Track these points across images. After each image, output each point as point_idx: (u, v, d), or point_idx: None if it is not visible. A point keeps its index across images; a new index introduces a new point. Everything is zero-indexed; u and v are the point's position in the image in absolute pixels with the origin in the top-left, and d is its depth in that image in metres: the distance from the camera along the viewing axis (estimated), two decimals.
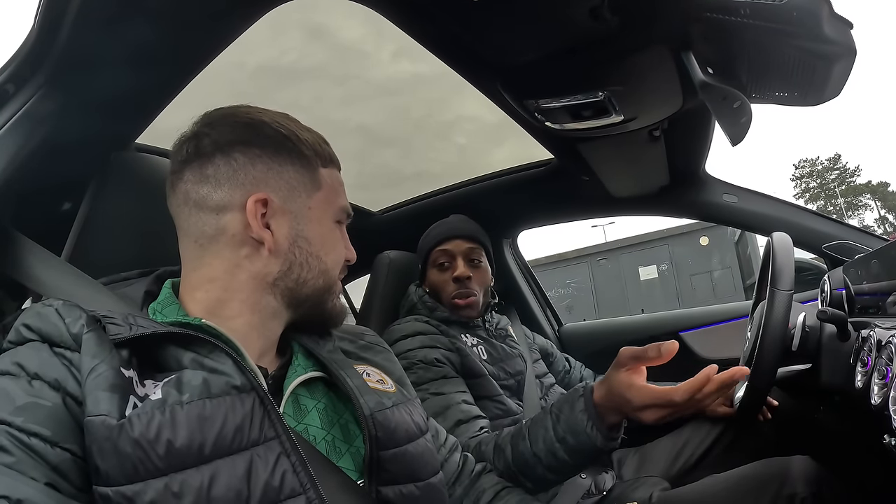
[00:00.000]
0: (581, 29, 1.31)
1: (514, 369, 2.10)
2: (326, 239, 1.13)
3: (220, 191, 1.05)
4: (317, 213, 1.12)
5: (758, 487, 1.52)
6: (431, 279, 2.22)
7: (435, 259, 2.22)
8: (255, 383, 0.92)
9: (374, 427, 1.03)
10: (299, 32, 2.30)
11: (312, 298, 1.12)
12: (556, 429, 1.41)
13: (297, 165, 1.11)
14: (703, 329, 2.85)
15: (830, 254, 2.43)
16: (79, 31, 1.13)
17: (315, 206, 1.12)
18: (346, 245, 1.20)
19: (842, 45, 1.22)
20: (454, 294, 2.16)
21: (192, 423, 0.84)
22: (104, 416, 0.80)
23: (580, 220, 3.13)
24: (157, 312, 1.05)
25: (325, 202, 1.14)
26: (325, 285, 1.13)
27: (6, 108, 1.22)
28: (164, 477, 0.79)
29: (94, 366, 0.84)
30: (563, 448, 1.39)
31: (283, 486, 0.87)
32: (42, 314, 0.91)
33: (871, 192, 64.82)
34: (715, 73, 1.34)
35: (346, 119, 3.64)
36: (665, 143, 2.01)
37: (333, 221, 1.16)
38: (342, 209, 1.18)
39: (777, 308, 1.59)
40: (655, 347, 1.30)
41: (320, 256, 1.11)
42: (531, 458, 1.43)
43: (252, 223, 1.04)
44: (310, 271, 1.09)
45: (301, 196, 1.10)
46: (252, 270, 1.06)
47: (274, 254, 1.06)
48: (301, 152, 1.11)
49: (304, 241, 1.09)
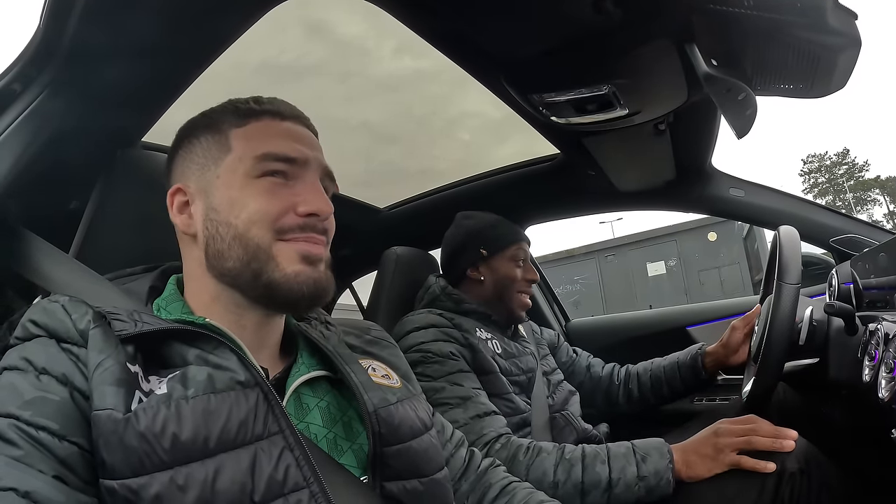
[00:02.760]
0: (584, 22, 1.31)
1: (527, 366, 2.10)
2: (236, 200, 1.04)
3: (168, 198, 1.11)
4: (225, 178, 1.05)
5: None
6: (504, 271, 2.20)
7: (515, 254, 2.22)
8: (259, 378, 0.93)
9: (378, 423, 1.02)
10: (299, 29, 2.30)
11: (241, 271, 1.02)
12: (640, 467, 1.57)
13: (204, 142, 1.09)
14: (710, 324, 2.85)
15: (838, 248, 2.42)
16: (84, 29, 1.14)
17: (224, 172, 1.06)
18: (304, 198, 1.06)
19: (846, 36, 1.21)
20: (523, 291, 2.21)
21: (198, 418, 0.85)
22: (111, 410, 0.81)
23: (586, 215, 3.12)
24: (162, 309, 1.06)
25: (236, 162, 1.06)
26: (247, 251, 1.01)
27: (13, 107, 1.23)
28: (170, 470, 0.80)
29: (100, 361, 0.85)
30: (640, 486, 1.55)
31: (286, 479, 0.88)
32: (49, 310, 0.92)
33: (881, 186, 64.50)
34: (719, 65, 1.34)
35: (349, 117, 3.64)
36: (671, 137, 2.01)
37: (250, 178, 1.05)
38: (262, 158, 1.05)
39: (784, 301, 1.58)
40: None
41: (230, 221, 1.03)
42: (605, 482, 1.57)
43: (171, 213, 1.09)
44: (222, 241, 1.03)
45: (210, 170, 1.07)
46: (193, 258, 1.08)
47: (195, 238, 1.07)
48: (209, 126, 1.10)
49: (213, 212, 1.04)
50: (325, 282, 1.07)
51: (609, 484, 1.57)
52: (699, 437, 1.61)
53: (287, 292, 1.02)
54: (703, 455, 1.56)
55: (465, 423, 1.69)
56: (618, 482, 1.57)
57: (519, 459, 1.63)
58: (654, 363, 2.39)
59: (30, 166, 1.22)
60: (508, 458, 1.62)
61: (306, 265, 1.04)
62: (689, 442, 1.62)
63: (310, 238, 1.06)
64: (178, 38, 1.28)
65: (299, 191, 1.06)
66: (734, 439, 1.53)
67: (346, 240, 2.86)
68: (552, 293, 3.35)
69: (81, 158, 1.37)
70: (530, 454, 1.64)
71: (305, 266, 1.04)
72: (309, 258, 1.04)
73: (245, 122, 1.09)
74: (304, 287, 1.03)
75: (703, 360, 2.24)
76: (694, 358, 2.26)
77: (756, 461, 1.47)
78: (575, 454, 1.64)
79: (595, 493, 1.57)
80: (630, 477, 1.56)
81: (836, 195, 65.96)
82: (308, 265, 1.04)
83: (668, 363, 2.34)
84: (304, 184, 1.07)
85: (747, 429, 1.54)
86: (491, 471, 1.39)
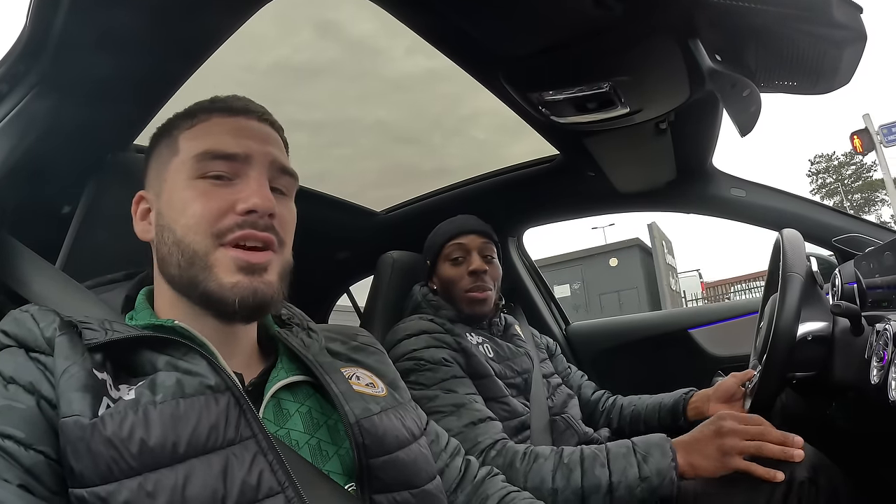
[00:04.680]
0: (584, 17, 1.30)
1: (522, 367, 2.07)
2: (176, 203, 1.01)
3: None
4: (170, 181, 1.03)
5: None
6: (444, 274, 2.16)
7: (448, 253, 2.17)
8: (230, 382, 0.92)
9: (361, 434, 1.00)
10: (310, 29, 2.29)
11: (180, 278, 1.00)
12: (641, 467, 1.52)
13: (161, 145, 1.08)
14: (712, 326, 2.83)
15: (841, 247, 2.40)
16: (71, 27, 1.13)
17: (170, 175, 1.04)
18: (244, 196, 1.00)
19: (852, 30, 1.20)
20: (470, 287, 2.11)
21: (166, 422, 0.83)
22: (77, 416, 0.80)
23: (586, 216, 3.12)
24: (133, 318, 1.07)
25: (179, 164, 1.03)
26: (185, 258, 0.98)
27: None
28: (138, 476, 0.79)
29: (66, 367, 0.84)
30: (642, 487, 1.50)
31: (260, 484, 0.86)
32: (18, 320, 0.92)
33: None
34: (724, 61, 1.32)
35: (363, 116, 3.65)
36: (672, 137, 2.00)
37: (189, 180, 1.01)
38: (199, 157, 1.01)
39: (791, 292, 1.57)
40: None
41: (170, 226, 1.01)
42: (605, 486, 1.52)
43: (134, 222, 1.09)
44: (165, 245, 1.01)
45: (161, 173, 1.06)
46: (156, 265, 1.08)
47: (152, 244, 1.07)
48: (166, 133, 1.09)
49: (160, 217, 1.04)
50: (266, 291, 1.01)
51: (610, 487, 1.53)
52: (702, 435, 1.55)
53: (221, 303, 0.99)
54: (708, 456, 1.51)
55: (460, 430, 1.66)
56: (619, 485, 1.52)
57: (516, 466, 1.59)
58: (640, 399, 2.35)
59: (16, 170, 1.20)
60: (505, 466, 1.59)
61: (244, 275, 0.99)
62: (692, 439, 1.56)
63: (250, 235, 1.00)
64: (168, 36, 1.26)
65: (240, 188, 1.02)
66: (742, 443, 1.48)
67: (344, 243, 2.87)
68: (551, 296, 3.33)
69: (72, 161, 1.35)
70: (527, 460, 1.61)
71: (243, 276, 0.99)
72: (248, 268, 0.99)
73: (193, 123, 1.06)
74: (241, 298, 0.98)
75: (685, 405, 2.18)
76: (676, 402, 2.21)
77: (767, 470, 1.42)
78: (573, 458, 1.59)
79: (595, 497, 1.53)
80: (632, 479, 1.52)
81: (844, 195, 66.15)
82: (247, 275, 0.99)
83: (651, 403, 2.29)
84: (246, 181, 1.02)
85: (756, 432, 1.49)
86: (488, 480, 1.36)
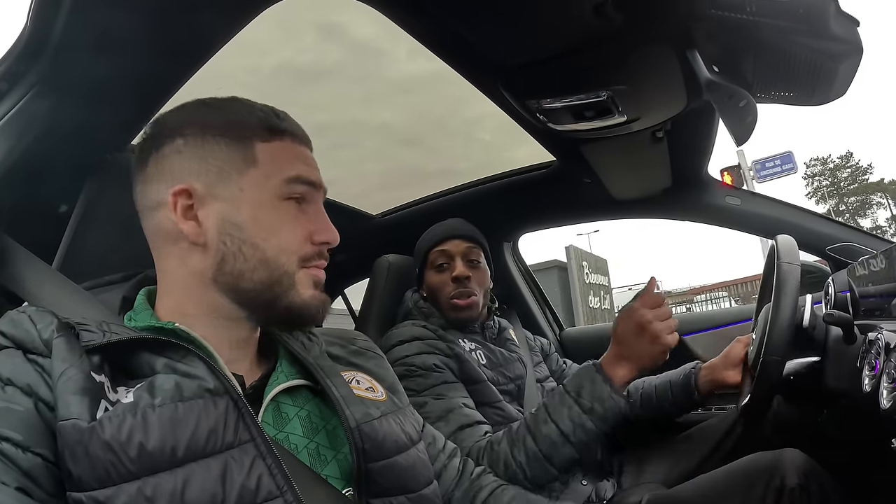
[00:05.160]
0: (584, 27, 1.30)
1: (514, 373, 2.07)
2: (263, 222, 1.02)
3: (151, 188, 1.04)
4: (250, 194, 1.03)
5: (748, 481, 1.52)
6: (429, 281, 2.16)
7: (433, 260, 2.16)
8: (229, 386, 0.91)
9: (361, 439, 1.01)
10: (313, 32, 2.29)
11: (259, 293, 1.03)
12: (580, 403, 1.60)
13: (224, 146, 1.04)
14: (706, 332, 2.83)
15: (834, 256, 2.41)
16: (72, 27, 1.12)
17: (248, 187, 1.03)
18: (320, 226, 1.09)
19: (848, 43, 1.21)
20: (453, 294, 2.09)
21: (165, 426, 0.83)
22: (75, 420, 0.79)
23: (581, 222, 3.13)
24: (132, 319, 1.05)
25: (262, 178, 1.03)
26: (270, 277, 1.02)
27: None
28: (137, 481, 0.79)
29: (63, 370, 0.84)
30: (592, 418, 1.58)
31: (259, 488, 0.86)
32: (15, 321, 0.91)
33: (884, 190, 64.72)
34: (721, 72, 1.33)
35: (368, 118, 3.65)
36: (668, 145, 2.00)
37: (277, 200, 1.04)
38: (290, 180, 1.05)
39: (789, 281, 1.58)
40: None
41: (256, 244, 1.01)
42: (558, 438, 1.58)
43: (173, 216, 1.01)
44: (245, 262, 1.01)
45: (231, 178, 1.02)
46: (191, 267, 1.03)
47: (204, 246, 1.02)
48: (229, 130, 1.05)
49: (235, 228, 1.01)
50: (328, 304, 1.10)
51: (564, 437, 1.59)
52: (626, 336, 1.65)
53: (303, 315, 1.06)
54: (640, 350, 1.63)
55: (448, 436, 1.64)
56: (571, 430, 1.58)
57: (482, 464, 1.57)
58: (645, 381, 2.32)
59: (14, 169, 1.20)
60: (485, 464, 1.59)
61: (317, 290, 1.08)
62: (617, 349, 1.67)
63: (323, 263, 1.10)
64: (167, 38, 1.26)
65: (312, 217, 1.08)
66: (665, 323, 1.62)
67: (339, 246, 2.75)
68: (545, 300, 3.33)
69: (69, 161, 1.35)
70: (486, 452, 1.65)
71: (316, 291, 1.08)
72: (319, 283, 1.09)
73: (271, 139, 1.07)
74: (316, 310, 1.07)
75: (696, 378, 2.16)
76: (687, 377, 2.19)
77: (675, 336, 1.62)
78: (520, 429, 1.65)
79: (557, 451, 1.59)
80: (577, 418, 1.58)
81: (839, 199, 66.25)
82: (318, 290, 1.08)
83: (660, 382, 2.26)
84: (316, 210, 1.10)
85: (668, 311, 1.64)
86: (483, 476, 1.38)
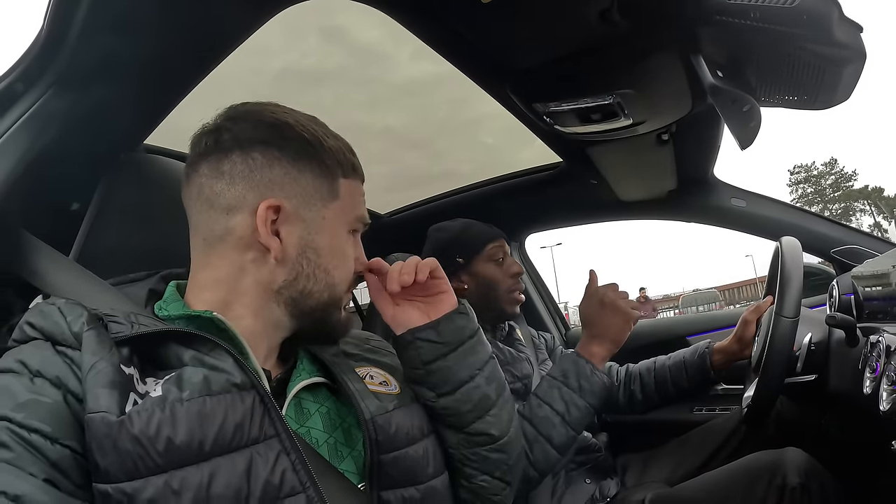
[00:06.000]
0: (591, 32, 1.32)
1: (522, 373, 2.07)
2: (336, 252, 1.10)
3: (234, 189, 1.03)
4: (330, 224, 1.09)
5: (750, 479, 1.54)
6: (486, 273, 2.16)
7: (492, 253, 2.18)
8: (256, 381, 0.92)
9: (375, 431, 1.03)
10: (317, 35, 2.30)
11: (317, 311, 1.09)
12: (568, 384, 1.71)
13: (317, 173, 1.07)
14: (710, 333, 2.83)
15: (839, 258, 2.41)
16: (88, 28, 1.12)
17: (329, 217, 1.08)
18: (359, 255, 1.17)
19: (852, 49, 1.21)
20: (513, 288, 2.16)
21: (192, 421, 0.83)
22: (104, 413, 0.80)
23: (588, 223, 3.13)
24: (163, 308, 1.05)
25: (340, 212, 1.10)
26: (331, 299, 1.10)
27: (15, 107, 1.21)
28: (164, 474, 0.79)
29: (93, 363, 0.84)
30: (582, 395, 1.69)
31: (283, 484, 0.87)
32: (45, 312, 0.91)
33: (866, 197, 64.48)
34: (725, 77, 1.34)
35: (372, 121, 3.64)
36: (674, 147, 2.01)
37: (347, 233, 1.13)
38: (359, 219, 1.15)
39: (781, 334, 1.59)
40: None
41: (328, 269, 1.08)
42: (555, 418, 1.67)
43: (261, 229, 1.01)
44: (316, 283, 1.07)
45: (316, 205, 1.07)
46: (257, 276, 1.04)
47: (281, 262, 1.04)
48: (322, 160, 1.08)
49: (313, 252, 1.06)
50: (353, 320, 1.24)
51: (560, 416, 1.67)
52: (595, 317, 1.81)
53: (340, 331, 1.16)
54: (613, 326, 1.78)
55: None
56: (565, 409, 1.68)
57: None
58: (657, 362, 2.34)
59: (31, 167, 1.21)
60: None
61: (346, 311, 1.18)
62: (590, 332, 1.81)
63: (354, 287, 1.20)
64: (185, 37, 1.27)
65: (359, 253, 1.18)
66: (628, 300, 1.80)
67: None
68: (551, 300, 3.35)
69: (84, 160, 1.35)
70: None
71: (347, 313, 1.18)
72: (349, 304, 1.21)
73: (349, 176, 1.13)
74: (347, 327, 1.18)
75: (710, 358, 2.20)
76: (702, 356, 2.21)
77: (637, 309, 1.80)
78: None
79: (556, 432, 1.66)
80: (568, 396, 1.69)
81: (824, 206, 66.02)
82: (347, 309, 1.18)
83: (674, 362, 2.29)
84: (358, 244, 1.18)
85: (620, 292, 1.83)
86: None
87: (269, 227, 1.02)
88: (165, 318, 1.01)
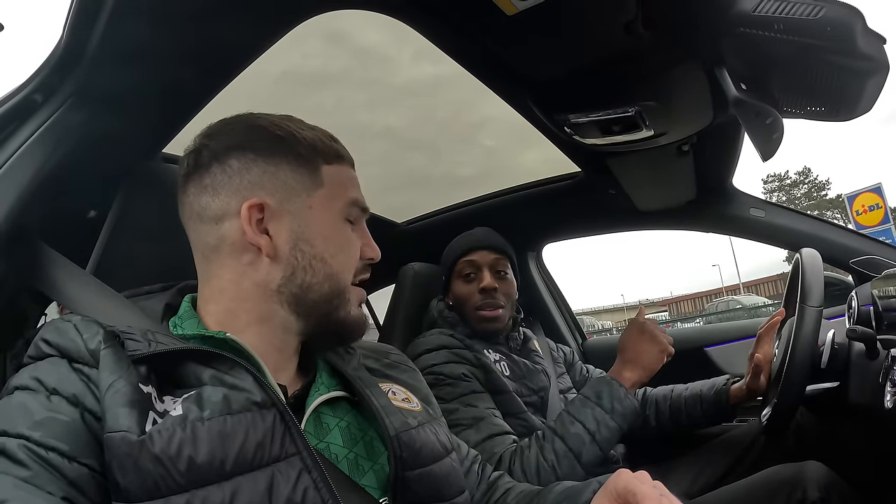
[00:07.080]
0: (615, 44, 1.31)
1: (538, 385, 2.07)
2: (331, 239, 1.08)
3: (218, 199, 1.05)
4: (319, 213, 1.08)
5: (770, 493, 1.52)
6: (456, 291, 2.15)
7: (460, 270, 2.16)
8: (276, 399, 0.92)
9: (400, 447, 1.02)
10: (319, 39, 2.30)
11: (321, 305, 1.07)
12: (601, 405, 1.76)
13: (294, 164, 1.08)
14: (727, 345, 2.82)
15: (858, 269, 2.39)
16: (107, 40, 1.13)
17: (317, 205, 1.08)
18: (366, 242, 1.16)
19: (875, 60, 1.20)
20: (479, 305, 2.09)
21: (214, 440, 0.83)
22: (124, 433, 0.80)
23: (606, 233, 3.12)
24: (178, 326, 1.06)
25: (327, 199, 1.09)
26: (333, 290, 1.07)
27: (34, 117, 1.22)
28: (185, 493, 0.79)
29: (112, 382, 0.84)
30: (613, 416, 1.74)
31: (304, 502, 0.87)
32: (61, 329, 0.91)
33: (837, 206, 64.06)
34: (748, 89, 1.33)
35: (372, 123, 3.65)
36: (693, 157, 2.00)
37: (341, 220, 1.11)
38: (351, 203, 1.13)
39: (807, 324, 1.58)
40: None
41: (325, 259, 1.07)
42: (586, 436, 1.71)
43: (247, 229, 1.02)
44: (314, 275, 1.05)
45: (301, 196, 1.07)
46: (255, 278, 1.05)
47: (275, 259, 1.04)
48: (298, 151, 1.09)
49: (306, 244, 1.06)
50: (367, 320, 1.17)
51: (591, 435, 1.71)
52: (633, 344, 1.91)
53: (352, 330, 1.12)
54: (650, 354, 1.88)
55: (477, 443, 1.68)
56: (596, 428, 1.72)
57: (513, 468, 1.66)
58: (674, 391, 2.32)
59: (49, 179, 1.21)
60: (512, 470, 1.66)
61: (360, 307, 1.14)
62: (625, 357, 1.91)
63: (364, 278, 1.15)
64: (203, 49, 1.27)
65: (360, 236, 1.15)
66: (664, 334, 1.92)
67: None
68: (569, 311, 3.33)
69: (102, 169, 1.36)
70: (517, 456, 1.69)
71: (359, 308, 1.14)
72: (362, 301, 1.15)
73: (332, 162, 1.13)
74: (360, 326, 1.13)
75: (727, 396, 2.16)
76: (718, 394, 2.18)
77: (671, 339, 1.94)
78: (548, 433, 1.75)
79: (586, 450, 1.70)
80: (601, 416, 1.74)
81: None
82: (360, 307, 1.14)
83: (690, 395, 2.26)
84: (362, 230, 1.17)
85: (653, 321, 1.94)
86: (501, 478, 1.38)
87: (255, 226, 1.03)
88: (180, 336, 1.01)
